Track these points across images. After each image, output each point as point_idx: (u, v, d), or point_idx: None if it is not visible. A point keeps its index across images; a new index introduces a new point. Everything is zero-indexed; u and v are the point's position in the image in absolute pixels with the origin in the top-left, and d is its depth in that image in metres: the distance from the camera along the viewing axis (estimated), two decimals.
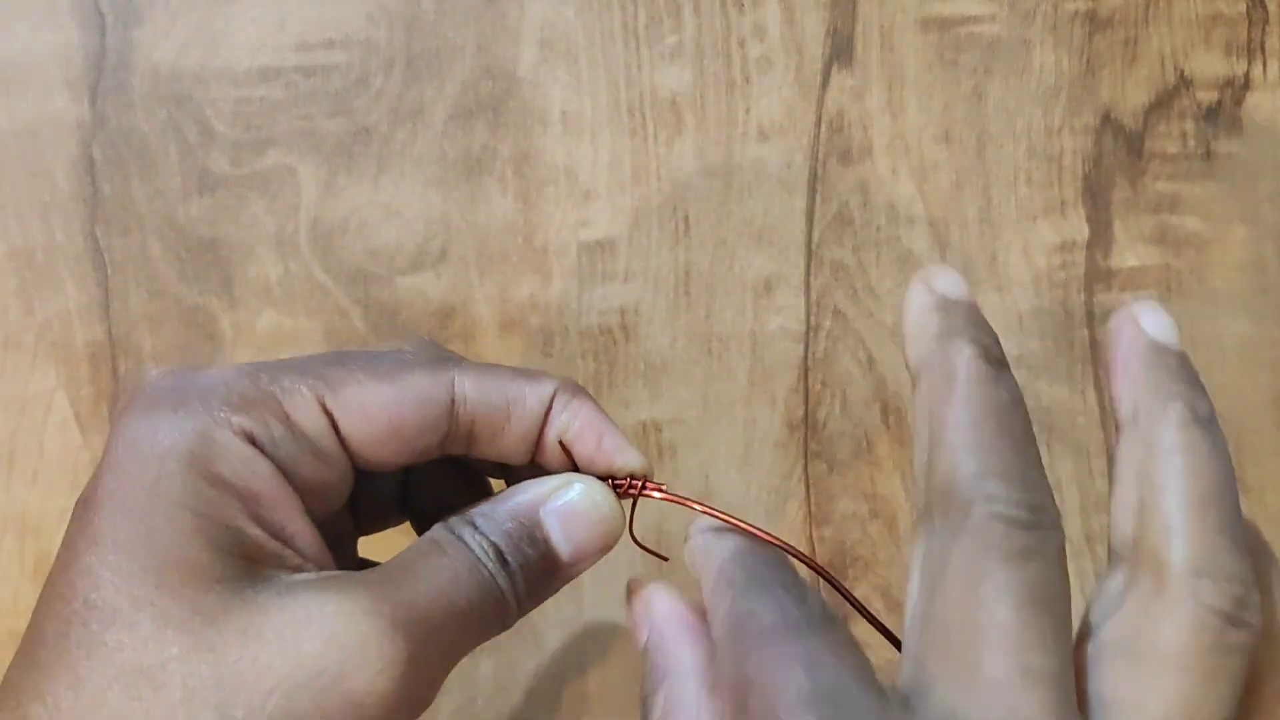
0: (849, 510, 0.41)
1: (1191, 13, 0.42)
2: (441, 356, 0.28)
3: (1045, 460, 0.41)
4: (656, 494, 0.28)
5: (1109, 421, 0.42)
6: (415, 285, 0.39)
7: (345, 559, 0.29)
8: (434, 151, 0.39)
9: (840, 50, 0.40)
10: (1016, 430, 0.21)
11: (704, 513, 0.27)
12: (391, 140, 0.39)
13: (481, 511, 0.27)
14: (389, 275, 0.39)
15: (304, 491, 0.25)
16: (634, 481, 0.28)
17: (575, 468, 0.28)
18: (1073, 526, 0.41)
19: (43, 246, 0.38)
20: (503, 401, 0.27)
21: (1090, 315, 0.41)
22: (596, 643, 0.40)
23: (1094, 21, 0.41)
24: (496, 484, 0.30)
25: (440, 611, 0.25)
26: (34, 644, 0.23)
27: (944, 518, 0.20)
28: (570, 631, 0.40)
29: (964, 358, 0.21)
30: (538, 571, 0.27)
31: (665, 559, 0.30)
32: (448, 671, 0.26)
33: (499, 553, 0.26)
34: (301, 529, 0.25)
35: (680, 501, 0.28)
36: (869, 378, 0.41)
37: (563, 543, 0.27)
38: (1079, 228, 0.41)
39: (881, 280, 0.41)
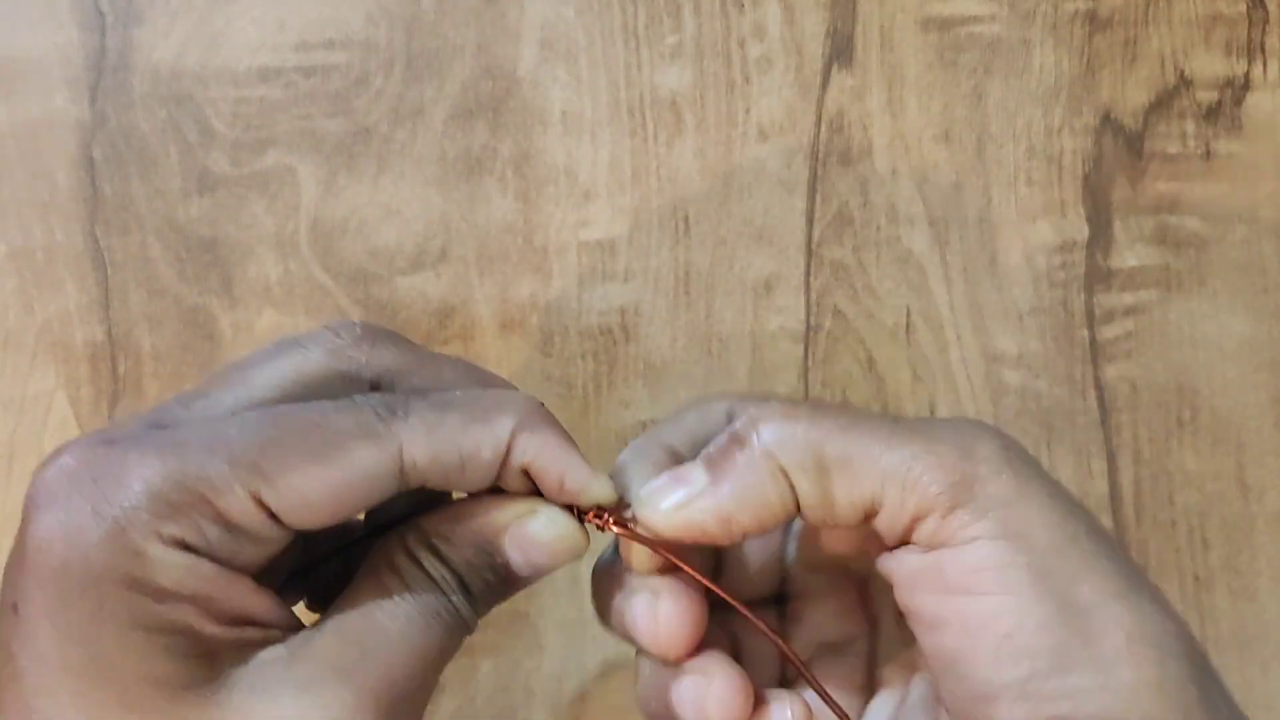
0: None
1: (1191, 13, 0.42)
2: (385, 406, 0.25)
3: (1045, 461, 0.41)
4: (616, 530, 0.27)
5: (1109, 421, 0.42)
6: (415, 285, 0.39)
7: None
8: (434, 151, 0.39)
9: (840, 50, 0.40)
10: None
11: (665, 559, 0.26)
12: (391, 140, 0.39)
13: (440, 533, 0.26)
14: (389, 275, 0.39)
15: (247, 570, 0.24)
16: (601, 514, 0.27)
17: (539, 492, 0.27)
18: None
19: (43, 246, 0.38)
20: (457, 460, 0.25)
21: (1090, 315, 0.41)
22: (596, 643, 0.40)
23: (1094, 21, 0.41)
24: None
25: (416, 669, 0.25)
26: None
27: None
28: (570, 631, 0.40)
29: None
30: (495, 591, 0.27)
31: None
32: (423, 709, 0.26)
33: (461, 582, 0.26)
34: (256, 603, 0.24)
35: (643, 541, 0.27)
36: (869, 378, 0.41)
37: (522, 566, 0.27)
38: (1079, 228, 0.41)
39: (881, 280, 0.41)
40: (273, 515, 0.24)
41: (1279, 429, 0.42)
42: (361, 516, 0.29)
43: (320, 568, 0.28)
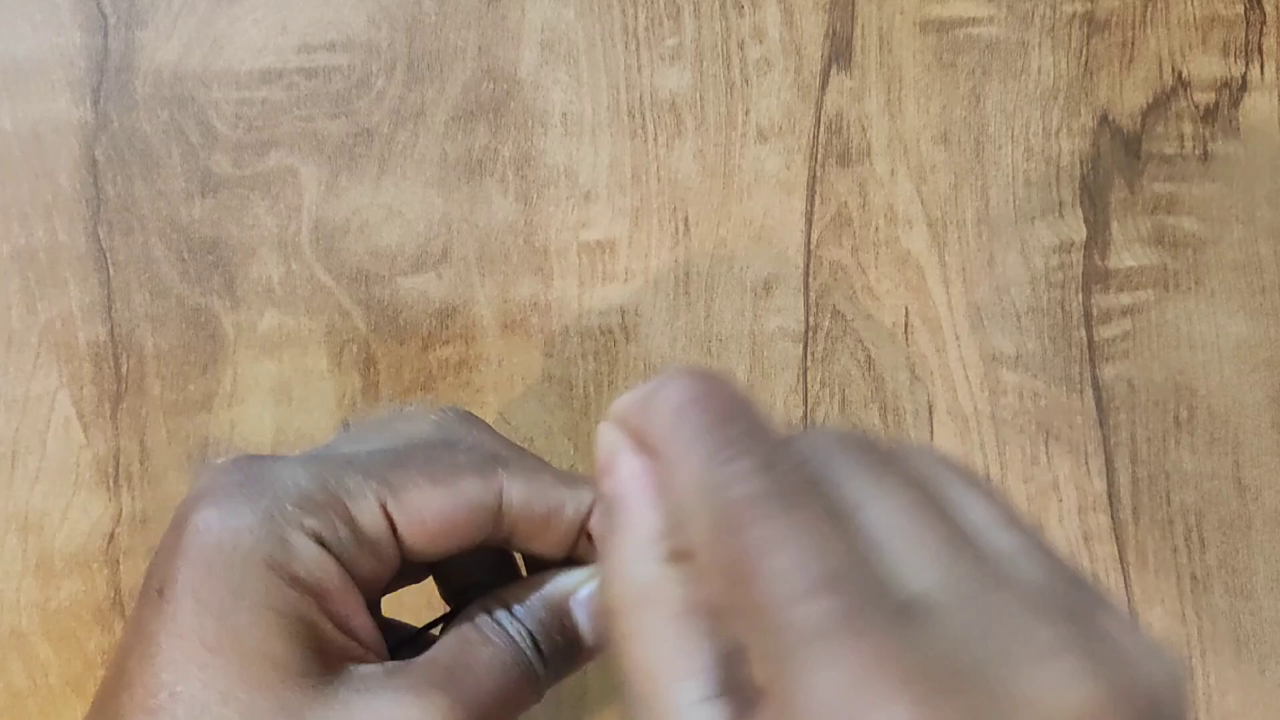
0: None
1: (1189, 14, 0.42)
2: (490, 455, 0.29)
3: (1043, 460, 0.42)
4: None
5: (1107, 421, 0.42)
6: (416, 286, 0.39)
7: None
8: (435, 153, 0.39)
9: (839, 52, 0.41)
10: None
11: None
12: (393, 141, 0.39)
13: (517, 598, 0.29)
14: (390, 276, 0.39)
15: (361, 586, 0.27)
16: None
17: None
18: (1071, 526, 0.41)
19: (45, 247, 0.38)
20: (545, 510, 0.28)
21: (1088, 316, 0.42)
22: None
23: (1091, 23, 0.41)
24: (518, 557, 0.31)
25: (496, 704, 0.26)
26: None
27: None
28: None
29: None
30: (564, 655, 0.29)
31: None
32: None
33: (534, 640, 0.28)
34: (363, 621, 0.26)
35: None
36: (868, 378, 0.41)
37: (589, 631, 0.29)
38: (1077, 228, 0.41)
39: (880, 281, 0.41)
40: (393, 528, 0.27)
41: (1276, 428, 0.42)
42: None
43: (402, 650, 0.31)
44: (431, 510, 0.27)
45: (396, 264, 0.39)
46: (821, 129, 0.41)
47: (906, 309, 0.41)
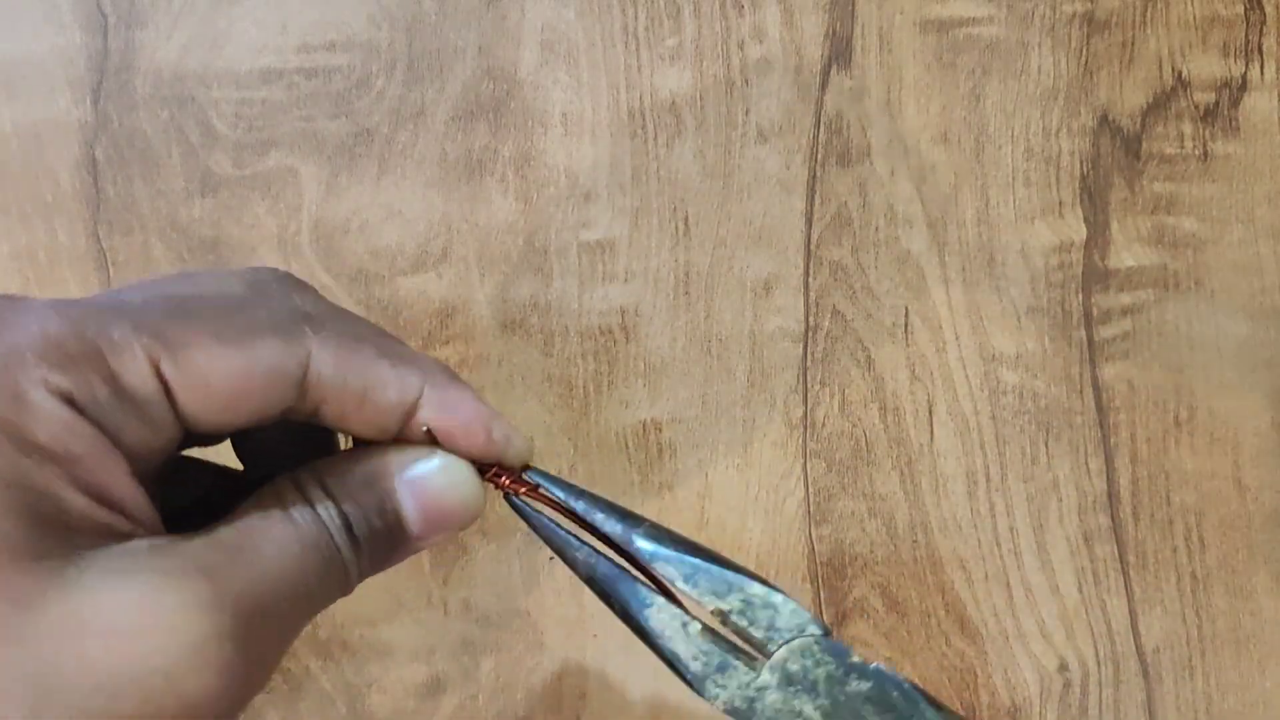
0: (847, 509, 0.41)
1: (1189, 15, 0.42)
2: (297, 314, 0.25)
3: (1043, 460, 0.42)
4: (521, 492, 0.26)
5: (1107, 421, 0.42)
6: (417, 285, 0.39)
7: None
8: (435, 153, 0.39)
9: (839, 52, 0.41)
10: None
11: (574, 521, 0.26)
12: (393, 141, 0.39)
13: (333, 471, 0.25)
14: (390, 275, 0.39)
15: (128, 454, 0.23)
16: (502, 475, 0.26)
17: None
18: (1071, 526, 0.41)
19: (45, 246, 0.38)
20: (360, 386, 0.25)
21: (1088, 315, 0.42)
22: (597, 641, 0.40)
23: (1091, 23, 0.41)
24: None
25: (284, 595, 0.23)
26: None
27: None
28: (570, 630, 0.40)
29: None
30: (382, 544, 0.25)
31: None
32: (284, 651, 0.24)
33: (347, 523, 0.24)
34: (128, 492, 0.22)
35: (553, 506, 0.26)
36: (868, 378, 0.41)
37: (414, 517, 0.26)
38: (1077, 228, 0.41)
39: (880, 281, 0.41)
40: (168, 391, 0.23)
41: (1276, 429, 0.42)
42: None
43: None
44: (217, 373, 0.23)
45: (396, 264, 0.39)
46: (821, 129, 0.41)
47: (906, 309, 0.41)
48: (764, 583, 0.26)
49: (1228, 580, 0.42)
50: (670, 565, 0.26)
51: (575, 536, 0.27)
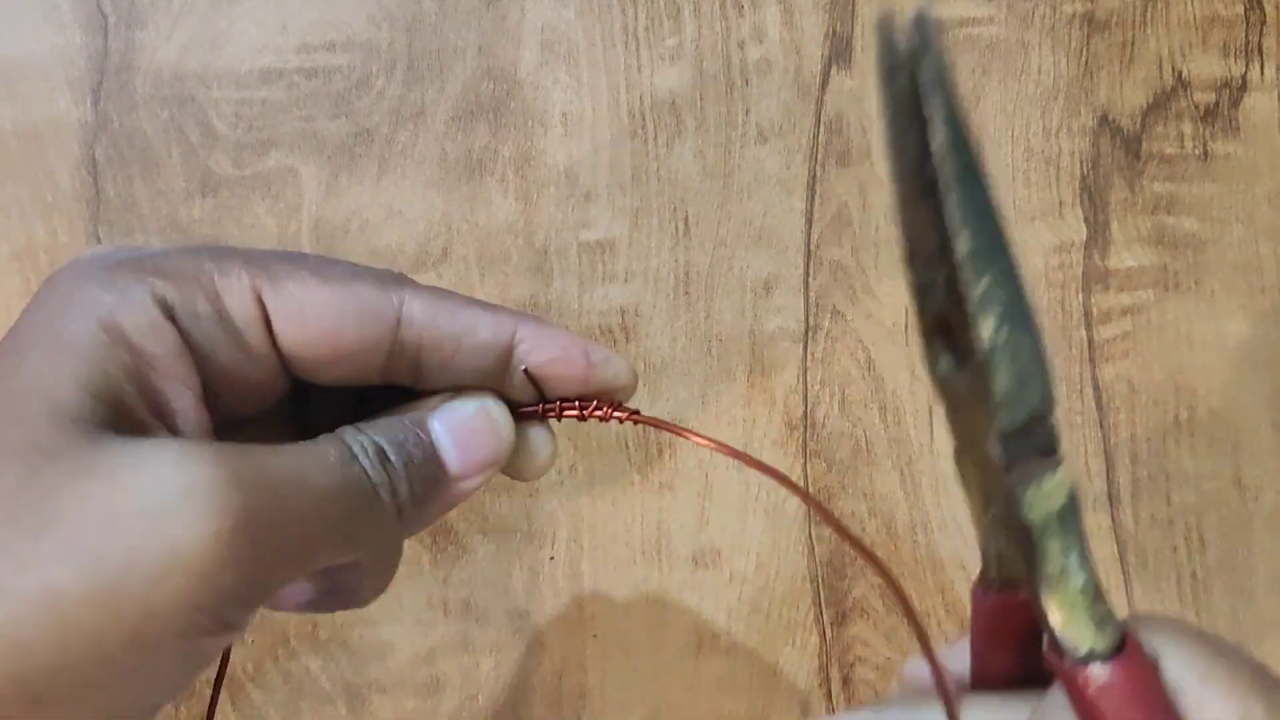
0: (847, 509, 0.41)
1: (1189, 14, 0.42)
2: (398, 277, 0.26)
3: None
4: (619, 416, 0.27)
5: (1107, 421, 0.42)
6: None
7: None
8: (435, 153, 0.39)
9: (839, 52, 0.41)
10: None
11: (678, 433, 0.27)
12: (393, 141, 0.39)
13: (373, 419, 0.26)
14: None
15: (216, 378, 0.24)
16: (610, 407, 0.27)
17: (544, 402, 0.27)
18: None
19: (46, 247, 0.38)
20: (453, 330, 0.26)
21: (1088, 315, 0.42)
22: (596, 641, 0.40)
23: (1091, 23, 0.41)
24: None
25: (291, 484, 0.23)
26: None
27: None
28: (570, 630, 0.40)
29: None
30: (423, 476, 0.26)
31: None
32: (296, 566, 0.24)
33: (380, 451, 0.25)
34: (188, 408, 0.24)
35: (655, 423, 0.27)
36: (868, 378, 0.41)
37: (450, 451, 0.26)
38: (1076, 228, 0.41)
39: (880, 281, 0.41)
40: (267, 320, 0.24)
41: (1276, 429, 0.42)
42: None
43: None
44: (315, 306, 0.24)
45: (397, 264, 0.39)
46: (821, 129, 0.41)
47: (906, 309, 0.41)
48: None
49: (1228, 580, 0.42)
50: None
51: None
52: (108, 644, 0.20)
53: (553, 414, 0.28)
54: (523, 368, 0.26)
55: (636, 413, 0.28)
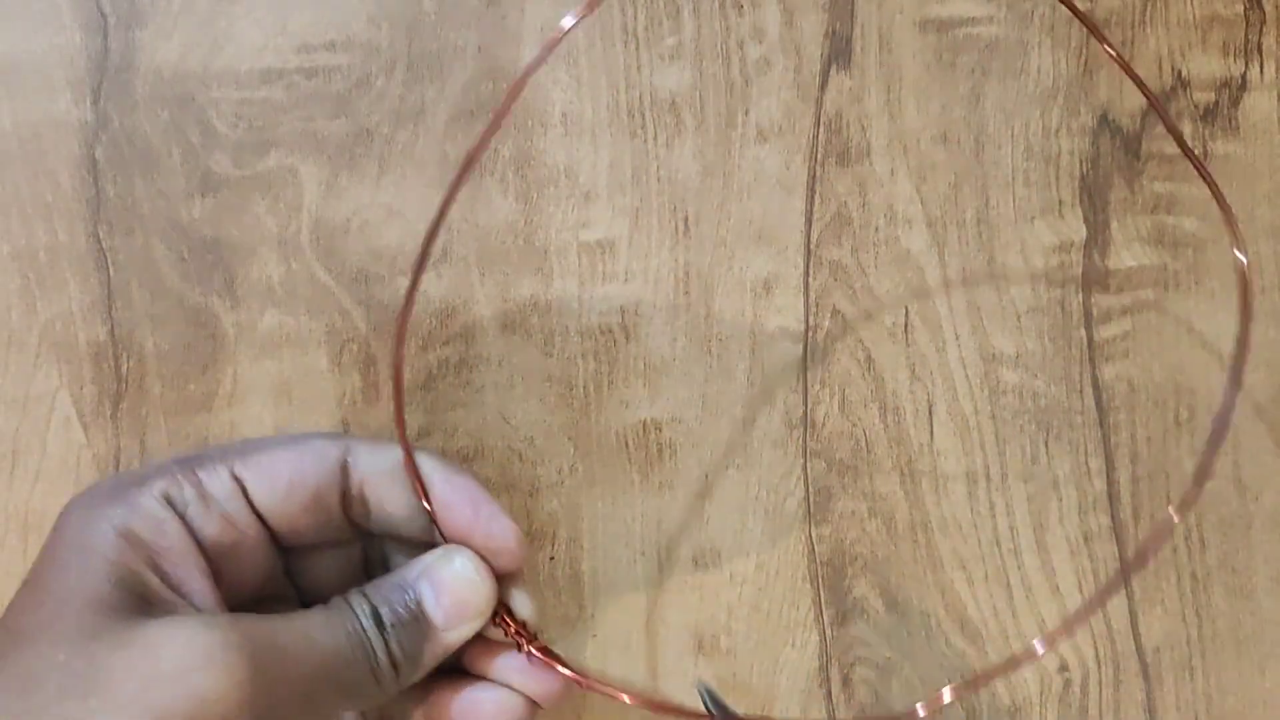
0: (847, 509, 0.41)
1: (1189, 14, 0.42)
2: (345, 434, 0.33)
3: (1043, 460, 0.42)
4: (534, 650, 0.33)
5: (1107, 420, 0.42)
6: None
7: None
8: (435, 153, 0.39)
9: (839, 52, 0.41)
10: None
11: (580, 683, 0.33)
12: (393, 141, 0.39)
13: (372, 582, 0.31)
14: (390, 276, 0.39)
15: (213, 553, 0.30)
16: (521, 631, 0.32)
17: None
18: (1071, 526, 0.41)
19: (45, 247, 0.38)
20: (388, 465, 0.31)
21: (1088, 315, 0.42)
22: (596, 642, 0.40)
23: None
24: None
25: (297, 643, 0.28)
26: None
27: None
28: (570, 630, 0.40)
29: None
30: (411, 632, 0.30)
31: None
32: (305, 713, 0.28)
33: (375, 612, 0.30)
34: (199, 586, 0.29)
35: (550, 664, 0.33)
36: (868, 378, 0.41)
37: (433, 606, 0.30)
38: (1076, 228, 0.42)
39: (880, 281, 0.41)
40: (244, 491, 0.30)
41: (1276, 429, 0.42)
42: None
43: None
44: (279, 465, 0.30)
45: (397, 264, 0.39)
46: (821, 129, 0.41)
47: (906, 309, 0.41)
48: None
49: (1228, 580, 0.42)
50: None
51: None
52: None
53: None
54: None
55: (547, 650, 0.33)
